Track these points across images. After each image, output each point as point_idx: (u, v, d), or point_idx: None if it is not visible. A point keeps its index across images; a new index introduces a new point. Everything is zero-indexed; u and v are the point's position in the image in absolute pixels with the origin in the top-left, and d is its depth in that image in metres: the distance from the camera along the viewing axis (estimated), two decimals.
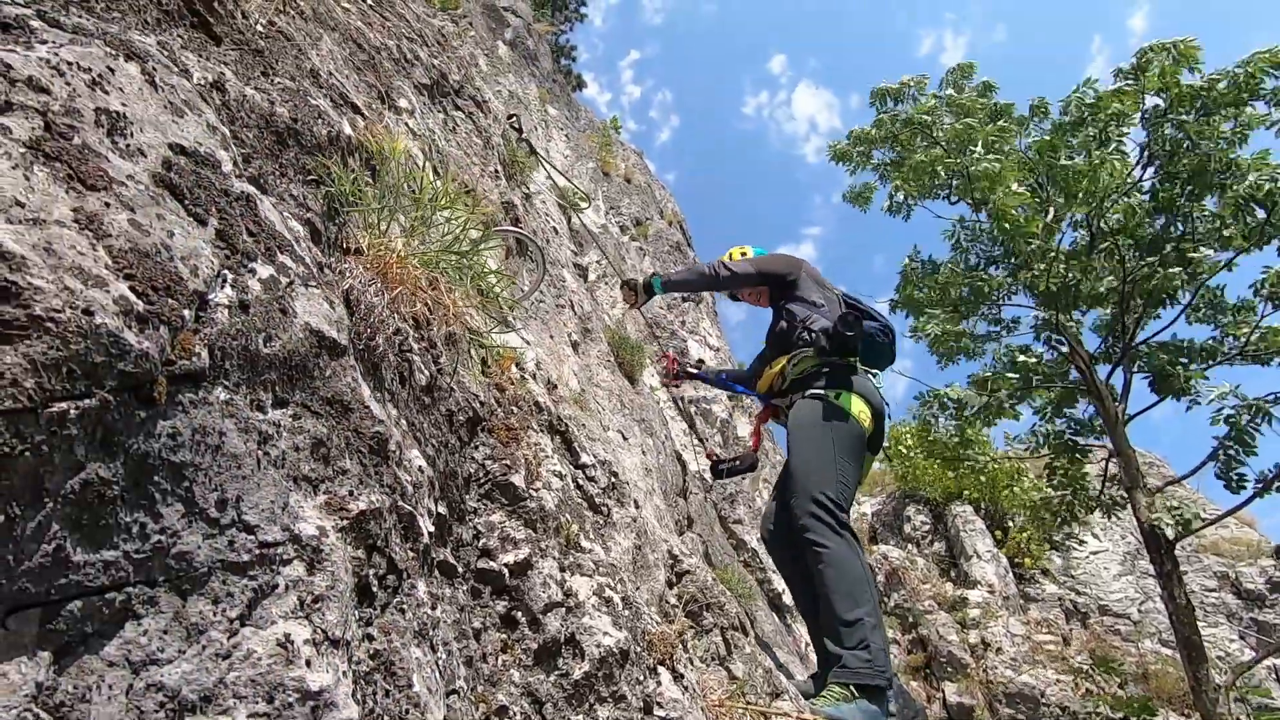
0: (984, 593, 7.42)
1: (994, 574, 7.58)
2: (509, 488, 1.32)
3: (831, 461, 2.19)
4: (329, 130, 1.09)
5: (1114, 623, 7.60)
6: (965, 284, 5.50)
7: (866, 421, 2.27)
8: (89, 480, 0.47)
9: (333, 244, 1.07)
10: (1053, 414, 5.54)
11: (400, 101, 2.11)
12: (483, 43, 5.90)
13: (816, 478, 2.15)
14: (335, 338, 0.77)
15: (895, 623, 7.24)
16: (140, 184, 0.61)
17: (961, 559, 7.87)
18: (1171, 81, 4.80)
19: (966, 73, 5.87)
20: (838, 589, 1.96)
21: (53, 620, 0.45)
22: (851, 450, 2.23)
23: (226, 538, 0.56)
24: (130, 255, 0.54)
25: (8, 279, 0.45)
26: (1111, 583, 7.94)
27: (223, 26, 1.03)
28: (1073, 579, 7.94)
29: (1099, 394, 5.40)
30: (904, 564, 7.81)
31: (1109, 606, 7.72)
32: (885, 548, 8.09)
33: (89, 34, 0.71)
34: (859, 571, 1.99)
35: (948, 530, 8.20)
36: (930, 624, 7.01)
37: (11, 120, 0.53)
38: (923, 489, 8.37)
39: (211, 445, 0.57)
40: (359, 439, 0.77)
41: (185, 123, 0.74)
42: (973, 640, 6.99)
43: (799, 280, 2.57)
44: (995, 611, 7.11)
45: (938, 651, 6.80)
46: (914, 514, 8.40)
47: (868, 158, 6.45)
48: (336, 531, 0.67)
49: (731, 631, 2.15)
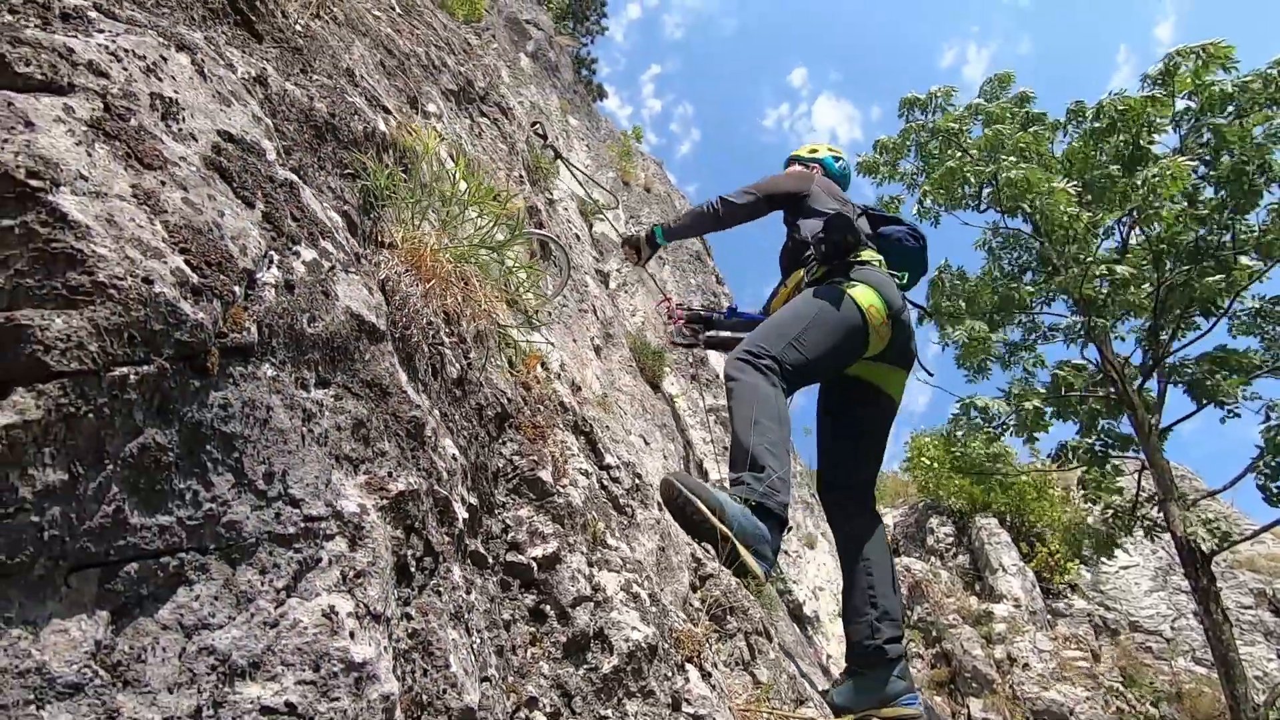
0: (1010, 607, 7.26)
1: (1020, 588, 7.42)
2: (537, 483, 1.32)
3: (794, 325, 2.04)
4: (365, 126, 1.11)
5: (1145, 640, 7.39)
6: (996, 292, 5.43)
7: (878, 316, 2.08)
8: (147, 445, 0.48)
9: (368, 237, 1.09)
10: (1088, 427, 5.43)
11: (429, 106, 2.14)
12: (505, 55, 5.99)
13: (764, 335, 2.03)
14: (375, 323, 0.78)
15: (919, 637, 7.10)
16: (192, 165, 0.63)
17: (986, 572, 7.71)
18: (1203, 84, 4.72)
19: (1005, 83, 5.83)
20: (740, 415, 1.87)
21: (111, 581, 0.46)
22: (830, 328, 2.05)
23: (273, 510, 0.57)
24: (185, 231, 0.55)
25: (74, 246, 0.46)
26: (1143, 598, 7.72)
27: (264, 25, 1.06)
28: (1102, 594, 7.75)
29: (1133, 405, 5.29)
30: (927, 577, 7.67)
31: (1140, 623, 7.51)
32: (908, 560, 7.96)
33: (142, 25, 0.73)
34: (768, 403, 1.87)
35: (972, 543, 8.05)
36: (955, 638, 6.87)
37: (74, 100, 0.55)
38: (946, 500, 8.23)
39: (260, 419, 0.58)
40: (397, 422, 0.78)
41: (232, 112, 0.76)
42: (998, 656, 6.83)
43: (811, 194, 2.44)
44: (1022, 626, 6.94)
45: (962, 667, 6.65)
46: (937, 526, 8.26)
47: (894, 168, 6.42)
48: (377, 510, 0.67)
49: (755, 636, 2.12)
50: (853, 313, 2.07)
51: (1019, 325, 6.06)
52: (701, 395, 5.30)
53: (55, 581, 0.43)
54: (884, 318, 2.11)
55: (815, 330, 2.04)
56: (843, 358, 2.15)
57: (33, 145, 0.48)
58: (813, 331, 2.03)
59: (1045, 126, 5.84)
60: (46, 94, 0.54)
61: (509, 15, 8.73)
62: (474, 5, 5.31)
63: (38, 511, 0.42)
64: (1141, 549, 8.05)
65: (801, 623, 4.96)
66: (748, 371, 1.94)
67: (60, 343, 0.43)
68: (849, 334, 2.07)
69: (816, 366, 2.07)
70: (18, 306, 0.44)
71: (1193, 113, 4.88)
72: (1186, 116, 4.95)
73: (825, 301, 2.10)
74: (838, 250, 2.18)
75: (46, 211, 0.46)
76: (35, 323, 0.43)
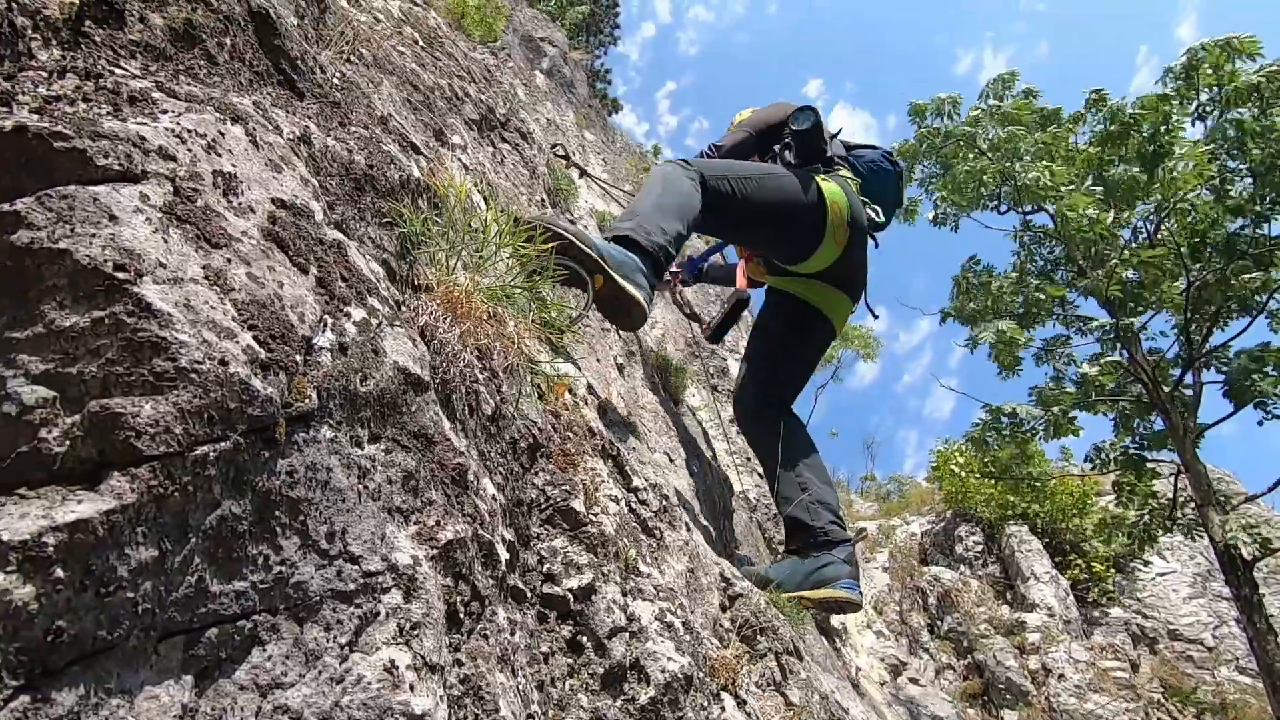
0: (1043, 616, 7.11)
1: (1053, 596, 7.26)
2: (570, 513, 1.35)
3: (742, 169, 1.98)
4: (400, 175, 1.15)
5: (1186, 649, 7.19)
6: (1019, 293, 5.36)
7: (839, 213, 2.02)
8: (224, 516, 0.51)
9: (404, 280, 1.13)
10: (1122, 428, 5.33)
11: (453, 138, 2.20)
12: (521, 72, 6.08)
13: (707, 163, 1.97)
14: (420, 374, 0.82)
15: (949, 647, 6.99)
16: (252, 239, 0.67)
17: (1018, 581, 7.57)
18: (1226, 76, 4.63)
19: (1008, 82, 5.78)
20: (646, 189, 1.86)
21: (194, 646, 0.49)
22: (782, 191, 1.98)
23: (335, 567, 0.60)
24: (251, 307, 0.59)
25: (158, 335, 0.50)
26: (1181, 606, 7.52)
27: (304, 82, 1.11)
28: (1139, 602, 7.56)
29: (1165, 406, 5.18)
30: (957, 586, 7.55)
31: (1180, 631, 7.31)
32: (936, 569, 7.84)
33: (200, 101, 0.77)
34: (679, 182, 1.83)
35: (1002, 551, 7.91)
36: (987, 649, 6.74)
37: (148, 187, 0.59)
38: (974, 508, 8.11)
39: (321, 481, 0.61)
40: (442, 470, 0.81)
41: (283, 177, 0.80)
42: (1033, 666, 6.69)
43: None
44: (1056, 636, 6.80)
45: (995, 678, 6.53)
46: (966, 534, 8.14)
47: (910, 172, 6.40)
48: (428, 560, 0.70)
49: (786, 656, 2.12)
50: (813, 194, 2.01)
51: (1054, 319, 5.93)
52: (722, 407, 5.31)
53: (146, 651, 0.46)
54: (845, 219, 2.05)
55: (763, 180, 1.97)
56: (790, 235, 2.08)
57: (117, 238, 0.52)
58: (760, 180, 1.97)
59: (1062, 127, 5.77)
60: (124, 183, 0.58)
61: (524, 34, 8.87)
62: (490, 26, 5.42)
63: (133, 588, 0.45)
64: (1179, 554, 7.85)
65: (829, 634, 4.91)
66: (670, 166, 1.92)
67: (150, 428, 0.46)
68: (803, 210, 2.01)
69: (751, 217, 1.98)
70: (109, 394, 0.48)
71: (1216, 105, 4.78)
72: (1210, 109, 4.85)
73: (784, 170, 2.05)
74: (810, 147, 2.13)
75: (133, 302, 0.50)
76: (127, 410, 0.47)
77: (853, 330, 12.31)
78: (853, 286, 2.23)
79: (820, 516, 1.99)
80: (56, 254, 0.50)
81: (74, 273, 0.50)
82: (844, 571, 1.99)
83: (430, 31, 2.83)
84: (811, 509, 1.99)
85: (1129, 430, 5.49)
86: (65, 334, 0.48)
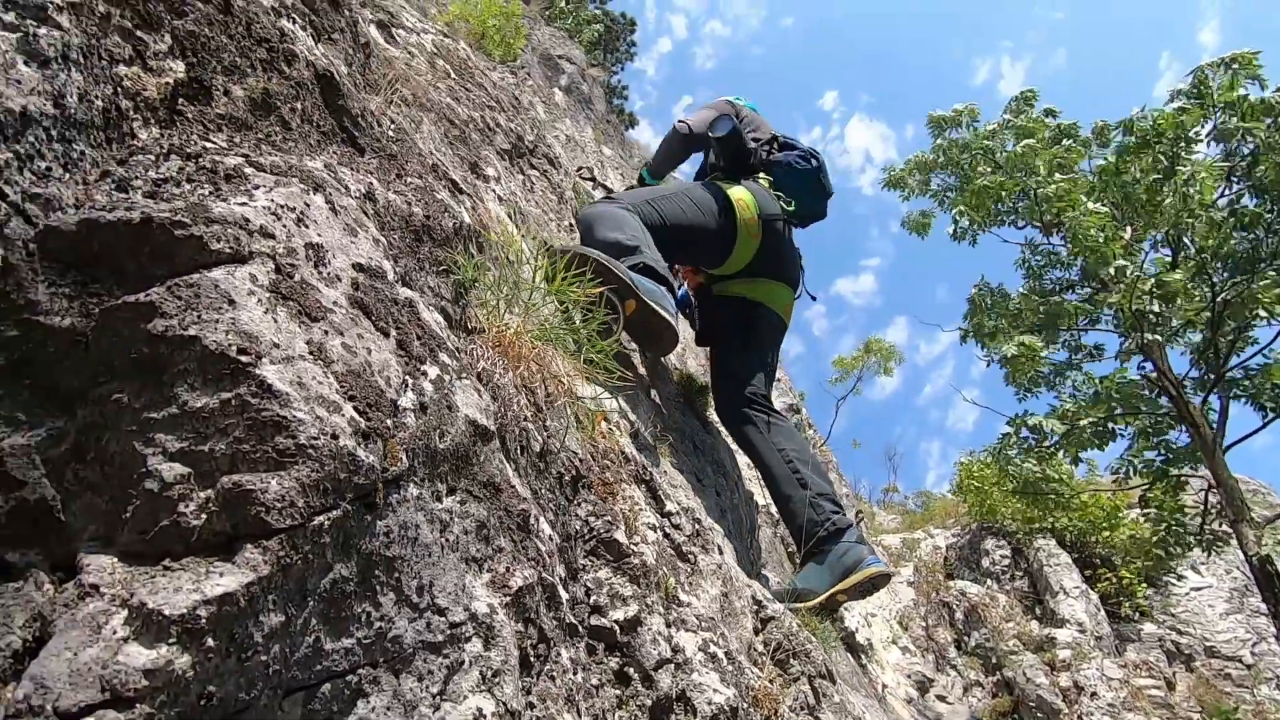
0: (1074, 632, 6.98)
1: (1084, 612, 7.13)
2: (613, 544, 1.38)
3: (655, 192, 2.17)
4: (453, 222, 1.21)
5: (1223, 666, 7.01)
6: (1040, 309, 5.33)
7: (748, 211, 2.20)
8: (336, 579, 0.56)
9: (458, 324, 1.18)
10: (1145, 443, 5.26)
11: (487, 170, 2.26)
12: (540, 90, 6.20)
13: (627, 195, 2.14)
14: (486, 425, 0.86)
15: (977, 664, 6.88)
16: (342, 307, 0.72)
17: (1047, 595, 7.45)
18: (1237, 96, 4.61)
19: (1029, 100, 5.78)
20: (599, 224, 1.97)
21: (311, 702, 0.53)
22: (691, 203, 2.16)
23: (425, 620, 0.64)
24: (349, 378, 0.64)
25: (279, 414, 0.54)
26: (1218, 622, 7.35)
27: (365, 138, 1.16)
28: (1173, 618, 7.39)
29: (1193, 421, 5.10)
30: (984, 600, 7.45)
31: (1217, 648, 7.13)
32: (963, 583, 7.74)
33: (284, 172, 0.83)
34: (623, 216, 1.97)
35: (1030, 565, 7.79)
36: (1016, 666, 6.63)
37: (255, 268, 0.64)
38: (1000, 521, 8.00)
39: (411, 538, 0.65)
40: (509, 516, 0.85)
41: (359, 241, 0.85)
42: (1064, 684, 6.56)
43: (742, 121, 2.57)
44: (1088, 653, 6.67)
45: (1026, 696, 6.41)
46: (992, 548, 8.03)
47: (926, 184, 6.39)
48: (503, 608, 0.74)
49: (819, 679, 2.13)
50: (720, 200, 2.19)
51: (1063, 345, 5.93)
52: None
53: (274, 708, 0.51)
54: (754, 215, 2.21)
55: (677, 200, 2.16)
56: (709, 241, 2.25)
57: (237, 322, 0.57)
58: (675, 200, 2.16)
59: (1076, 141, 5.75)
60: (234, 263, 0.63)
61: (543, 52, 9.02)
62: (510, 46, 5.56)
63: (265, 651, 0.49)
64: (1214, 569, 7.68)
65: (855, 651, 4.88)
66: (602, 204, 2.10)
67: (278, 504, 0.51)
68: (712, 215, 2.18)
69: (675, 235, 2.13)
70: (237, 469, 0.53)
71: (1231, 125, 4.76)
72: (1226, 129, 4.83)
73: (695, 185, 2.25)
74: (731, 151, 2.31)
75: (256, 384, 0.55)
76: (257, 487, 0.51)
77: (874, 342, 12.27)
78: (784, 274, 2.39)
79: (822, 510, 2.07)
80: (187, 340, 0.55)
81: (202, 357, 0.54)
82: (863, 551, 2.08)
83: (460, 63, 2.92)
84: (815, 505, 2.06)
85: (1149, 444, 5.41)
86: (197, 414, 0.53)
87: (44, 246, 0.58)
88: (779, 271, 2.40)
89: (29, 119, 0.65)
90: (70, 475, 0.53)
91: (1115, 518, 7.25)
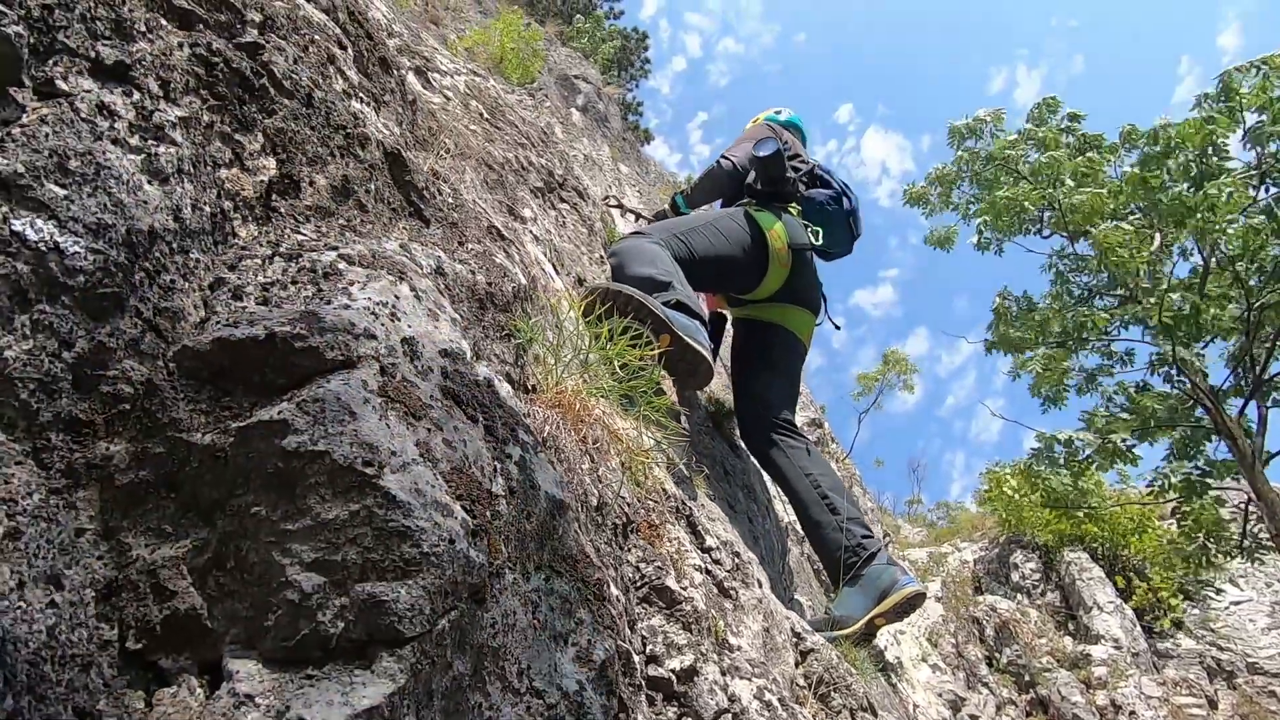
0: (1109, 648, 6.85)
1: (1119, 627, 7.00)
2: (665, 591, 1.41)
3: (684, 224, 2.19)
4: (512, 286, 1.26)
5: (1268, 683, 6.83)
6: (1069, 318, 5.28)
7: (779, 240, 2.24)
8: (455, 675, 0.60)
9: (518, 384, 1.22)
10: (1180, 455, 5.17)
11: (524, 211, 2.32)
12: (558, 111, 6.29)
13: (656, 227, 2.18)
14: (562, 498, 0.90)
15: (1010, 681, 6.77)
16: (437, 400, 0.76)
17: (1080, 611, 7.32)
18: (1269, 98, 4.56)
19: (1052, 107, 5.76)
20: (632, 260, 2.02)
21: None
22: (722, 234, 2.19)
23: (525, 703, 0.68)
24: (454, 476, 0.68)
25: (404, 524, 0.58)
26: (1260, 637, 7.16)
27: (429, 209, 1.22)
28: (1212, 633, 7.22)
29: (1230, 432, 5.01)
30: (1015, 616, 7.33)
31: (1259, 664, 6.95)
32: (993, 598, 7.62)
33: (373, 264, 0.88)
34: (656, 251, 2.01)
35: (1061, 579, 7.66)
36: (1050, 683, 6.51)
37: (364, 373, 0.69)
38: (1029, 533, 7.88)
39: (510, 624, 0.69)
40: (586, 587, 0.88)
41: (440, 324, 0.90)
42: (1100, 702, 6.43)
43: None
44: (1124, 670, 6.54)
45: (1061, 715, 6.29)
46: (1022, 561, 7.90)
47: (948, 198, 6.38)
48: (589, 683, 0.77)
49: (861, 713, 2.13)
50: (753, 230, 2.23)
51: (1094, 351, 5.87)
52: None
53: None
54: (784, 245, 2.26)
55: (706, 231, 2.19)
56: (737, 272, 2.29)
57: (359, 434, 0.61)
58: (703, 232, 2.19)
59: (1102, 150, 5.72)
60: (346, 369, 0.68)
61: (559, 73, 9.15)
62: (527, 69, 5.68)
63: None
64: (1254, 581, 7.49)
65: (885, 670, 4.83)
66: (632, 239, 2.12)
67: (409, 613, 0.55)
68: (745, 247, 2.22)
69: (705, 267, 2.17)
70: (367, 578, 0.57)
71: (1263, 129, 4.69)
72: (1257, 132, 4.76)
73: (723, 214, 2.27)
74: (770, 174, 2.34)
75: (380, 495, 0.59)
76: (389, 597, 0.55)
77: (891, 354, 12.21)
78: (808, 301, 2.45)
79: (853, 535, 2.10)
80: (317, 455, 0.59)
81: (332, 470, 0.59)
82: (896, 573, 2.11)
83: (492, 102, 2.99)
84: (847, 530, 2.09)
85: (1186, 455, 5.32)
86: (329, 525, 0.57)
87: (180, 364, 0.63)
88: (803, 298, 2.46)
89: (155, 236, 0.70)
90: (212, 583, 0.57)
91: (1144, 526, 7.11)
